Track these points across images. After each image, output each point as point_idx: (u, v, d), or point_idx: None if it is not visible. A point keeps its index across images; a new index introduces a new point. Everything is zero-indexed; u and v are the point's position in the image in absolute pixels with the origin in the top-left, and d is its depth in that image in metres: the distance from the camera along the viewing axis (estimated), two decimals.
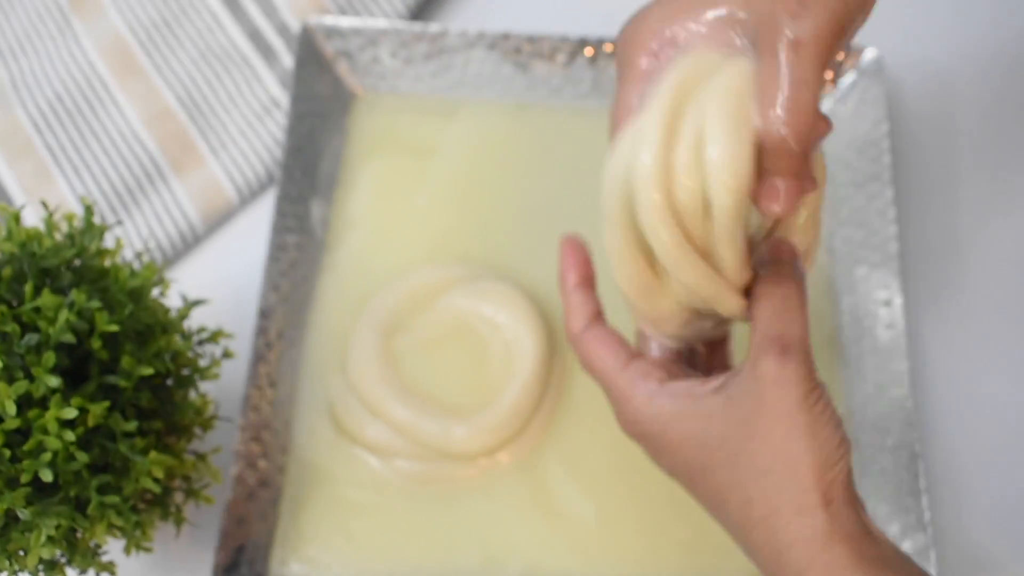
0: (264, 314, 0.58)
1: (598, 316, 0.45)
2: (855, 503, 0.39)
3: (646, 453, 0.44)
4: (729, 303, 0.39)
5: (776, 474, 0.39)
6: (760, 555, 0.40)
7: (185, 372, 0.50)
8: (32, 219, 0.64)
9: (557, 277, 0.46)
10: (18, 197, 0.65)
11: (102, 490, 0.44)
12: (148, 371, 0.45)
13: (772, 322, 0.39)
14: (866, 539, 0.38)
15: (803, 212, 0.40)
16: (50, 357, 0.42)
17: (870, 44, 0.64)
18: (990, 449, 0.58)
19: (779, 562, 0.38)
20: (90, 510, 0.43)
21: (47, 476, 0.41)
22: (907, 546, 0.53)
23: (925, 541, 0.53)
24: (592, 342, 0.44)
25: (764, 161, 0.36)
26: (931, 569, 0.52)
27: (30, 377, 0.42)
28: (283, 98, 0.67)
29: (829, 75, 0.64)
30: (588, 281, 0.46)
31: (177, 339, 0.49)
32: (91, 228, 0.48)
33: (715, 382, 0.41)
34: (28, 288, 0.43)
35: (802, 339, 0.39)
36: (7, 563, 0.44)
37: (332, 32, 0.65)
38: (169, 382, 0.49)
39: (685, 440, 0.41)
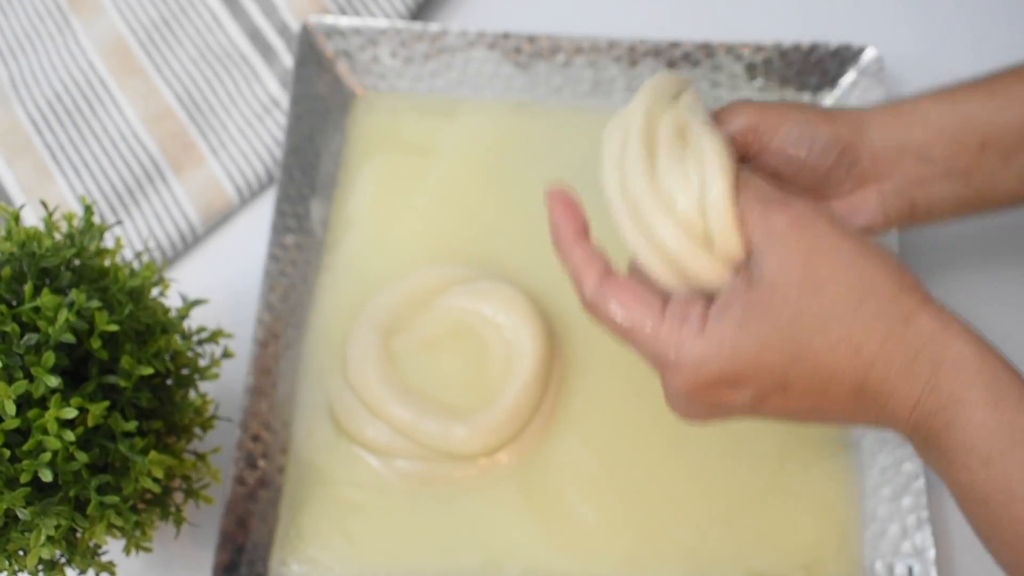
0: (264, 314, 0.58)
1: (609, 269, 0.41)
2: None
3: (715, 410, 0.40)
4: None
5: (869, 300, 0.38)
6: (885, 387, 0.38)
7: (185, 372, 0.50)
8: (32, 219, 0.64)
9: (550, 232, 0.43)
10: (18, 197, 0.65)
11: (102, 490, 0.44)
12: (148, 371, 0.45)
13: (752, 200, 0.40)
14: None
15: None
16: (50, 357, 0.42)
17: (870, 44, 0.63)
18: None
19: (909, 371, 0.38)
20: (90, 510, 0.43)
21: (47, 476, 0.41)
22: (907, 545, 0.53)
23: (924, 540, 0.53)
24: (614, 300, 0.40)
25: None
26: (931, 567, 0.52)
27: (30, 377, 0.42)
28: (283, 98, 0.67)
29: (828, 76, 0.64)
30: (586, 233, 0.42)
31: (177, 339, 0.49)
32: (91, 228, 0.48)
33: (747, 276, 0.39)
34: (28, 288, 0.43)
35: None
36: (7, 563, 0.44)
37: (332, 31, 0.64)
38: (169, 382, 0.49)
39: (764, 346, 0.38)
